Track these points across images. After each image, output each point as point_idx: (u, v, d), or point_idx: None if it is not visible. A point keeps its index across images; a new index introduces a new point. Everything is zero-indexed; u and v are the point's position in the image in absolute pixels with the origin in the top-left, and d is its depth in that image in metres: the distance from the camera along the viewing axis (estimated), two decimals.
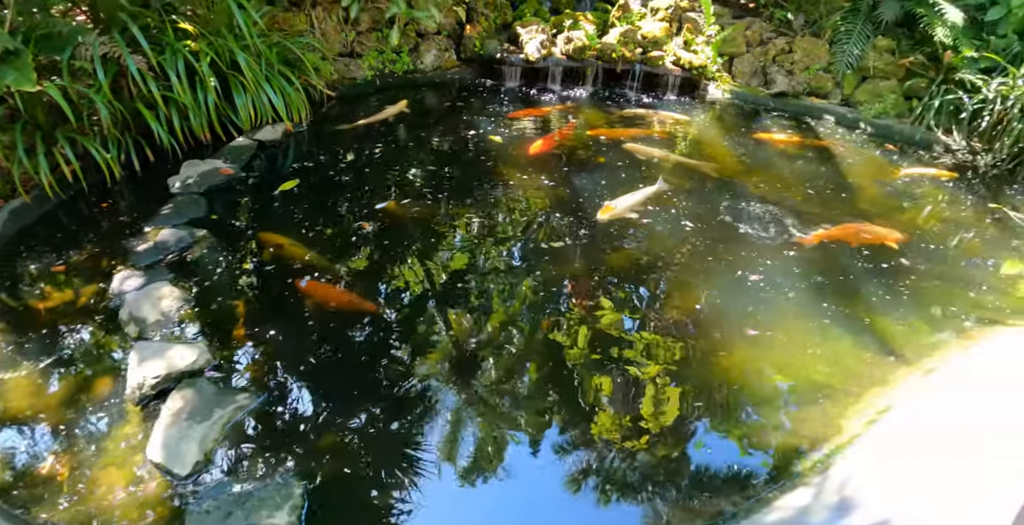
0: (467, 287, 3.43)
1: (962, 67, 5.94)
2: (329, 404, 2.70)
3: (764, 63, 6.49)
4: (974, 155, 5.81)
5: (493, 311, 3.25)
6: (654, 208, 4.18)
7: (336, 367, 2.88)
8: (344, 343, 3.00)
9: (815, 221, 4.16)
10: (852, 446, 2.43)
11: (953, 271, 3.79)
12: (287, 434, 2.52)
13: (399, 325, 3.14)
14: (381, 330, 3.10)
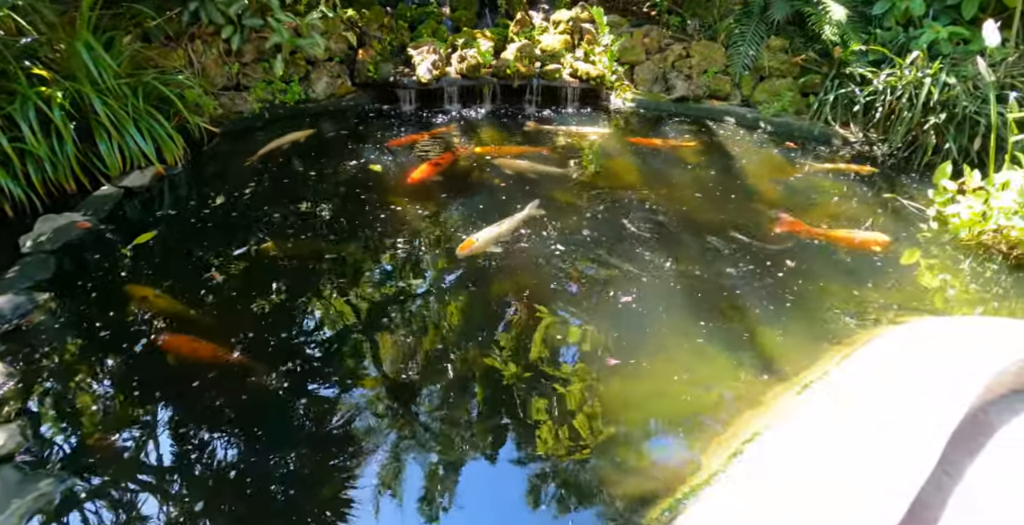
0: (323, 336, 3.18)
1: (852, 61, 5.97)
2: (173, 482, 2.41)
3: (664, 69, 6.44)
4: (871, 146, 5.82)
5: (345, 363, 3.01)
6: (526, 232, 3.93)
7: (190, 432, 2.59)
8: (203, 405, 2.71)
9: (703, 229, 4.03)
10: (709, 487, 2.24)
11: (842, 269, 3.69)
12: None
13: (269, 376, 2.86)
14: (248, 384, 2.81)
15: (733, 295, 3.40)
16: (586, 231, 3.97)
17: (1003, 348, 2.64)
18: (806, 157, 5.52)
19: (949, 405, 2.23)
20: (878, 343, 2.73)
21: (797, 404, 2.48)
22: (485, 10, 7.76)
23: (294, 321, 3.26)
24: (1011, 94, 4.19)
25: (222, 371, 2.86)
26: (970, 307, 3.55)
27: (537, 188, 4.47)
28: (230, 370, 2.87)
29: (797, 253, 3.80)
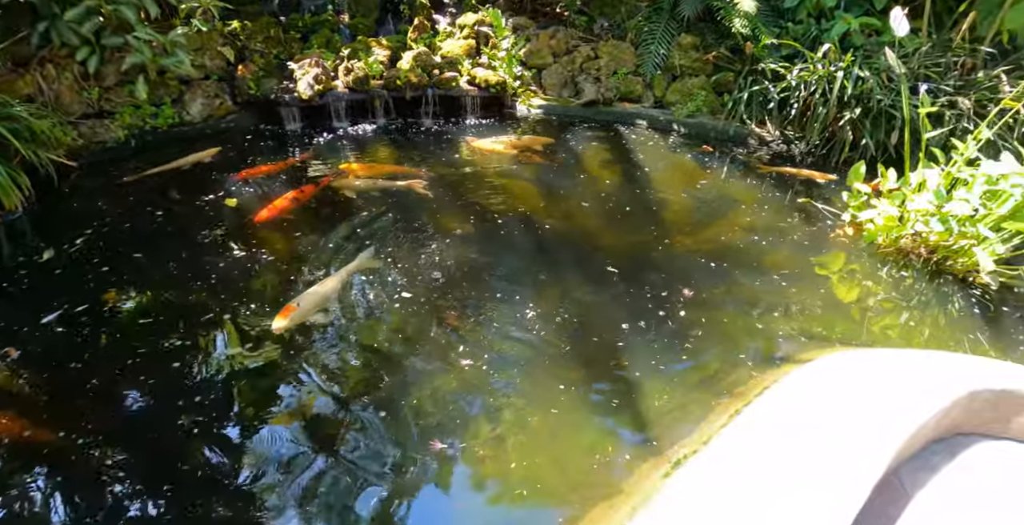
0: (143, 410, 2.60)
1: (764, 56, 5.61)
2: None
3: (572, 72, 5.99)
4: (788, 144, 5.47)
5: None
6: (366, 280, 3.33)
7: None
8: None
9: (590, 258, 3.55)
10: None
11: (746, 295, 3.26)
12: None
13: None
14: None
15: (613, 342, 2.85)
16: (437, 273, 3.31)
17: (918, 391, 2.22)
18: (721, 161, 5.12)
19: (855, 477, 1.79)
20: (773, 394, 2.29)
21: (666, 489, 2.01)
22: (387, 16, 7.22)
23: (90, 402, 2.66)
24: (922, 86, 3.83)
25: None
26: (887, 328, 3.16)
27: (405, 215, 3.92)
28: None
29: (697, 279, 3.35)
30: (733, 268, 3.48)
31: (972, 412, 2.32)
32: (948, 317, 3.40)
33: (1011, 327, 3.40)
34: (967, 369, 2.43)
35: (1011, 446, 2.44)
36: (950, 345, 3.14)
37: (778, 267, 3.55)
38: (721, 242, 3.76)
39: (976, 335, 3.25)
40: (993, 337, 3.27)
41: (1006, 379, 2.40)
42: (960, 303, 3.54)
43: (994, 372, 2.46)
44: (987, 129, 3.80)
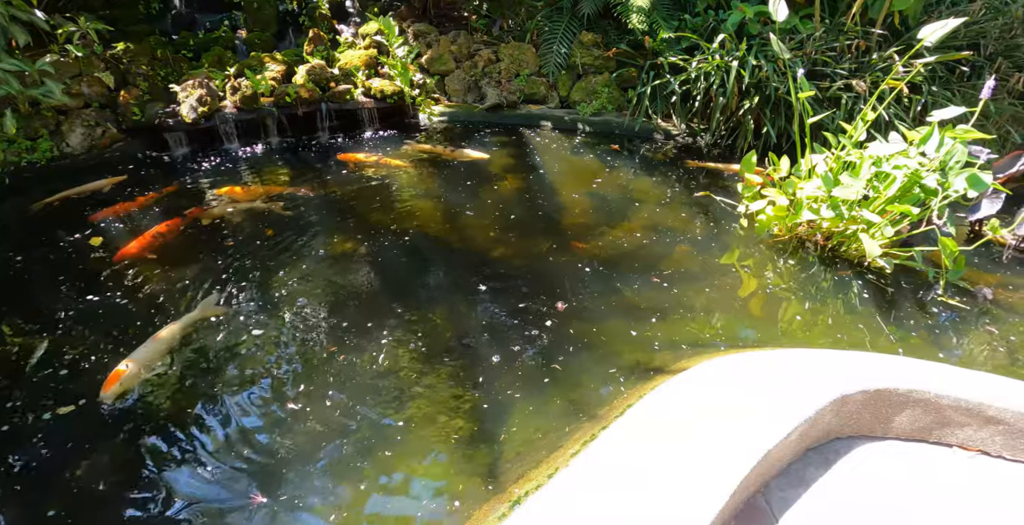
0: None
1: (664, 50, 5.47)
2: None
3: (475, 77, 5.76)
4: (694, 137, 5.33)
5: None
6: (214, 325, 2.93)
7: None
8: None
9: (467, 271, 3.32)
10: None
11: (625, 302, 3.07)
12: None
13: None
14: None
15: (474, 368, 2.58)
16: (300, 303, 2.97)
17: (786, 400, 2.04)
18: (626, 159, 4.95)
19: (703, 507, 1.58)
20: (634, 413, 2.08)
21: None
22: (288, 30, 6.90)
23: None
24: (800, 71, 3.70)
25: None
26: (780, 322, 3.00)
27: (280, 241, 3.62)
28: None
29: (585, 288, 3.15)
30: (626, 273, 3.29)
31: (847, 415, 2.16)
32: (845, 305, 3.27)
33: (906, 310, 3.29)
34: (843, 368, 2.27)
35: (892, 446, 2.29)
36: (847, 334, 3.00)
37: (674, 267, 3.38)
38: (619, 246, 3.57)
39: (873, 321, 3.13)
40: (889, 321, 3.15)
41: (883, 377, 2.24)
42: (857, 289, 3.42)
43: (872, 370, 2.30)
44: (872, 111, 3.68)
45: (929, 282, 3.54)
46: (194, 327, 2.78)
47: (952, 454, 2.39)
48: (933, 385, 2.24)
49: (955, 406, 2.27)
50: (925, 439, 2.35)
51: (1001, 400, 2.27)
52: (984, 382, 2.43)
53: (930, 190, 3.36)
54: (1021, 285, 3.88)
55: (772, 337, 2.89)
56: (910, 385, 2.21)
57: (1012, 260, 4.22)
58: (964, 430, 2.34)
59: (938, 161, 3.37)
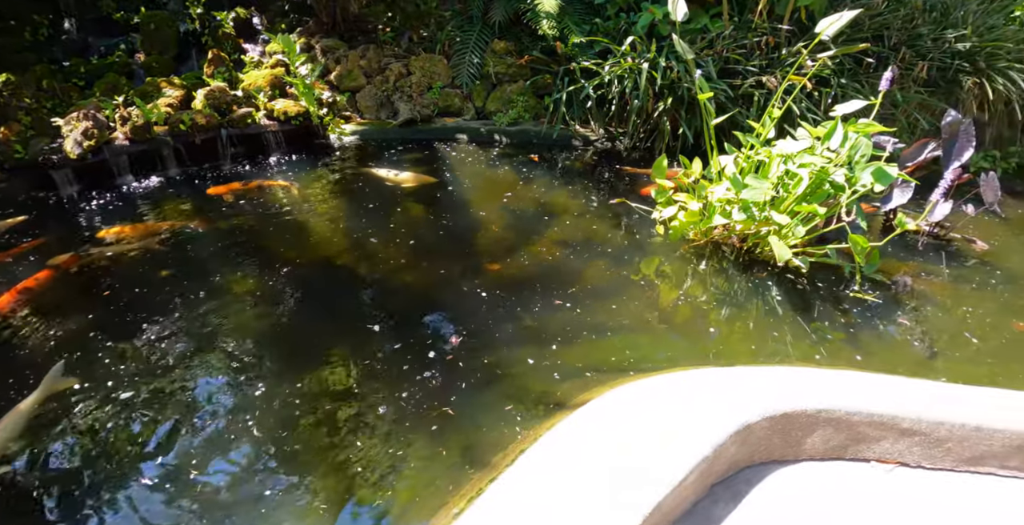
0: None
1: (577, 55, 5.30)
2: None
3: (387, 92, 5.49)
4: (612, 141, 5.18)
5: None
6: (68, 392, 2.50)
7: None
8: None
9: (355, 312, 3.04)
10: None
11: (527, 325, 2.85)
12: None
13: None
14: None
15: (351, 423, 2.26)
16: (167, 359, 2.61)
17: (685, 434, 1.84)
18: (544, 169, 4.76)
19: None
20: (527, 458, 1.86)
21: None
22: (191, 51, 6.50)
23: None
24: (697, 72, 3.57)
25: None
26: (694, 335, 2.83)
27: (164, 284, 3.28)
28: None
29: (487, 317, 2.91)
30: (535, 295, 3.07)
31: (753, 444, 1.98)
32: (764, 309, 3.12)
33: (824, 308, 3.17)
34: (749, 391, 2.10)
35: (807, 468, 2.12)
36: (766, 341, 2.86)
37: (587, 284, 3.18)
38: (534, 264, 3.36)
39: (793, 323, 3.01)
40: (808, 322, 3.03)
41: (791, 398, 2.07)
42: (775, 291, 3.28)
43: (780, 388, 2.14)
44: (777, 108, 3.57)
45: (846, 277, 3.44)
46: (41, 406, 2.42)
47: (871, 469, 2.24)
48: (844, 402, 2.08)
49: (868, 422, 2.12)
50: (841, 457, 2.20)
51: (915, 412, 2.13)
52: (899, 389, 2.30)
53: (838, 186, 3.25)
54: (934, 271, 3.83)
55: (686, 353, 2.72)
56: (819, 404, 2.05)
57: (927, 246, 4.19)
58: (880, 444, 2.19)
59: (844, 156, 3.26)
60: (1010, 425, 2.23)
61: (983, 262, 4.05)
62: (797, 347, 2.87)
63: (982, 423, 2.20)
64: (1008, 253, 4.27)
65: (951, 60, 5.54)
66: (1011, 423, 2.23)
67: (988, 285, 3.76)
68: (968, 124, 3.98)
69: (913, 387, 2.32)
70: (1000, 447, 2.25)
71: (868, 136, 3.31)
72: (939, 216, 4.00)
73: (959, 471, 2.30)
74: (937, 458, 2.26)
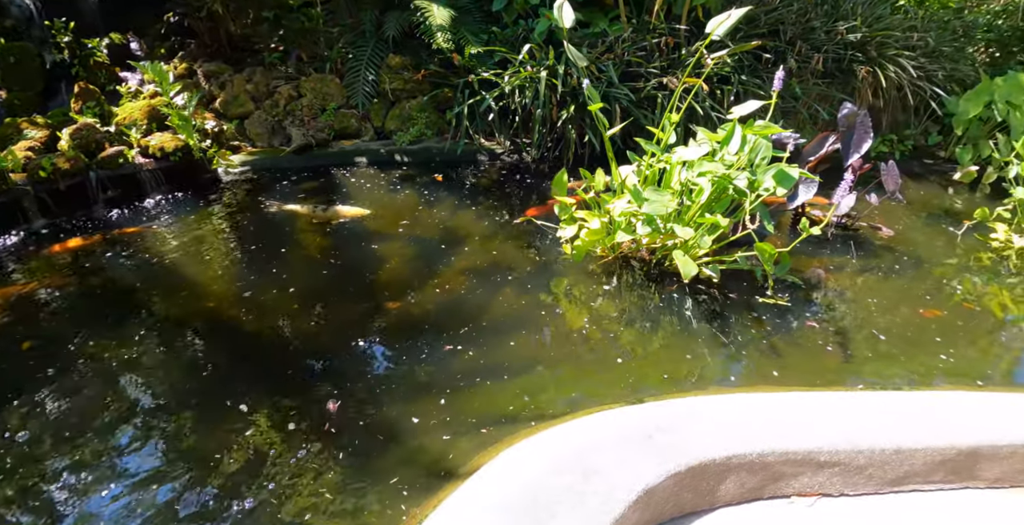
0: None
1: (476, 66, 5.02)
2: None
3: (278, 117, 5.06)
4: (519, 153, 4.93)
5: None
6: None
7: None
8: None
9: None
10: None
11: (428, 379, 2.54)
12: None
13: None
14: None
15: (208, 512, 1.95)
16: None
17: (585, 512, 1.57)
18: (448, 189, 4.45)
19: None
20: None
21: None
22: (60, 84, 5.86)
23: None
24: (585, 81, 3.35)
25: None
26: (603, 367, 2.59)
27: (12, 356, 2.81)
28: None
29: (356, 371, 2.58)
30: (430, 338, 2.77)
31: (659, 504, 1.73)
32: (677, 326, 2.92)
33: (738, 319, 3.01)
34: (653, 441, 1.85)
35: (723, 514, 1.89)
36: (681, 362, 2.65)
37: (488, 318, 2.90)
38: (434, 300, 3.06)
39: (708, 337, 2.83)
40: (723, 335, 2.85)
41: (700, 446, 1.84)
42: (688, 305, 3.09)
43: (690, 427, 1.90)
44: (675, 112, 3.38)
45: (759, 282, 3.28)
46: None
47: (791, 505, 2.04)
48: (755, 444, 1.87)
49: (783, 460, 1.91)
50: (759, 497, 1.98)
51: (831, 443, 1.94)
52: (814, 415, 2.11)
53: (741, 191, 3.08)
54: (844, 264, 3.75)
55: (593, 388, 2.47)
56: (728, 451, 1.82)
57: (836, 238, 4.12)
58: (799, 479, 1.99)
59: (745, 159, 3.10)
60: (930, 442, 2.07)
61: (889, 249, 4.00)
62: (711, 367, 2.67)
63: (901, 445, 2.03)
64: (911, 237, 4.26)
65: (844, 51, 5.56)
66: (931, 440, 2.07)
67: (895, 273, 3.70)
68: (864, 115, 3.91)
69: (828, 408, 2.14)
70: (922, 465, 2.09)
71: (767, 137, 3.16)
72: (844, 209, 3.92)
73: (883, 494, 2.13)
74: (859, 485, 2.08)
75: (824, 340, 2.92)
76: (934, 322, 3.16)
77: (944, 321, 3.17)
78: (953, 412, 2.23)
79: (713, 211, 3.10)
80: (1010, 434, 2.19)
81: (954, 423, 2.16)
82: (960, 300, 3.44)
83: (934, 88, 5.62)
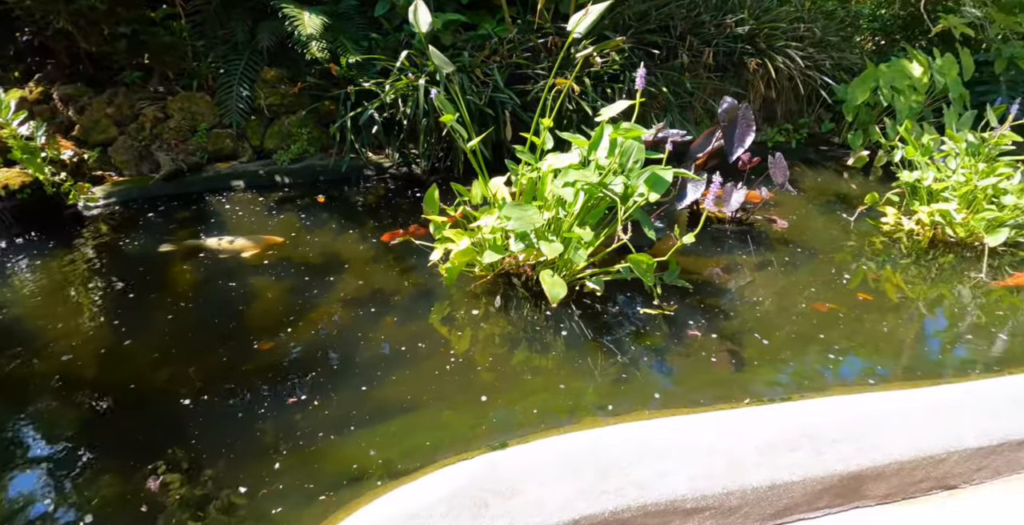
0: None
1: (356, 75, 4.62)
2: None
3: (145, 141, 4.54)
4: (409, 165, 4.57)
5: None
6: None
7: None
8: None
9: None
10: None
11: (283, 432, 2.18)
12: None
13: None
14: None
15: None
16: None
17: None
18: (333, 211, 4.05)
19: None
20: None
21: None
22: None
23: None
24: (434, 91, 3.02)
25: None
26: (479, 401, 2.27)
27: None
28: None
29: (201, 434, 2.19)
30: (290, 386, 2.40)
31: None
32: (555, 350, 2.65)
33: (622, 337, 2.76)
34: (496, 509, 1.53)
35: None
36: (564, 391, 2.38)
37: (370, 353, 2.55)
38: (310, 337, 2.68)
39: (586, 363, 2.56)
40: (605, 357, 2.60)
41: (549, 508, 1.53)
42: (570, 323, 2.81)
43: (541, 488, 1.59)
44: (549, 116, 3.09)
45: (649, 291, 3.03)
46: None
47: None
48: (609, 500, 1.57)
49: (642, 514, 1.62)
50: None
51: (695, 489, 1.66)
52: (682, 440, 1.84)
53: (618, 197, 2.81)
54: (740, 263, 3.56)
55: (454, 433, 2.15)
56: (578, 512, 1.52)
57: (733, 234, 3.95)
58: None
59: (616, 164, 2.83)
60: (808, 473, 1.83)
61: (784, 241, 3.85)
62: (587, 395, 2.39)
63: (776, 480, 1.78)
64: (807, 226, 4.13)
65: (735, 44, 5.44)
66: (809, 469, 1.84)
67: (790, 266, 3.54)
68: (745, 108, 3.73)
69: (699, 436, 1.88)
70: (802, 496, 1.85)
71: (639, 138, 2.90)
72: (735, 205, 3.74)
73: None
74: (737, 524, 1.82)
75: (710, 350, 2.69)
76: (828, 316, 2.99)
77: (837, 315, 3.01)
78: (835, 430, 2.02)
79: (586, 222, 2.82)
80: (894, 450, 1.98)
81: (836, 445, 1.94)
82: (854, 288, 3.31)
83: (823, 77, 5.56)
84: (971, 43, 6.15)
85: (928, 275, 3.59)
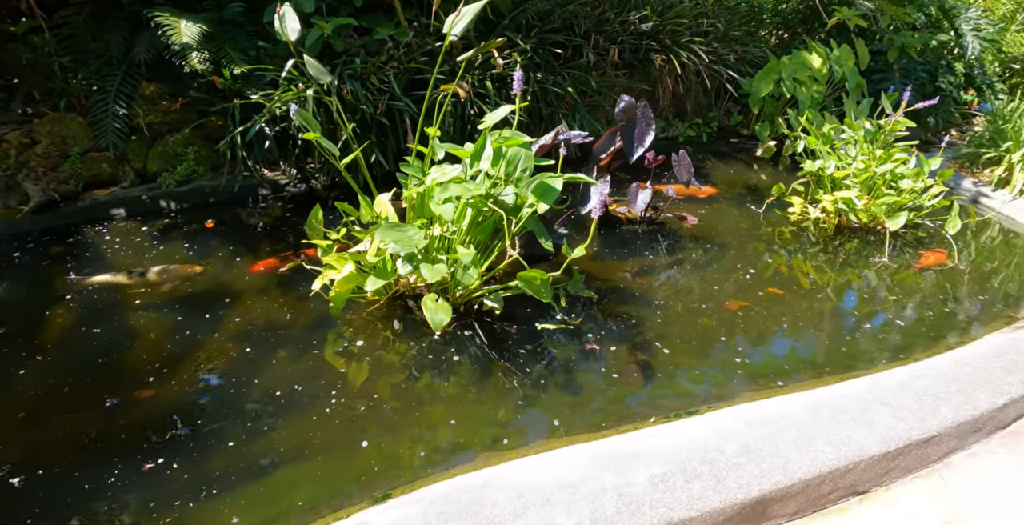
0: None
1: (243, 88, 4.21)
2: None
3: (10, 170, 4.01)
4: (307, 181, 4.21)
5: None
6: None
7: None
8: None
9: None
10: None
11: (172, 489, 1.84)
12: None
13: None
14: None
15: None
16: None
17: None
18: (224, 237, 3.65)
19: None
20: None
21: None
22: None
23: None
24: (293, 106, 2.72)
25: None
26: (345, 447, 1.99)
27: None
28: None
29: (60, 503, 1.84)
30: (151, 447, 2.05)
31: None
32: (446, 380, 2.40)
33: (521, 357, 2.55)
34: None
35: None
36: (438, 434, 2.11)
37: (268, 392, 2.22)
38: (197, 380, 2.33)
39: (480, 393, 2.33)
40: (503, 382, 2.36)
41: None
42: (465, 347, 2.57)
43: None
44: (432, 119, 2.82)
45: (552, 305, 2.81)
46: None
47: None
48: None
49: None
50: None
51: None
52: (571, 478, 1.61)
53: (508, 209, 2.57)
54: (649, 265, 3.39)
55: (331, 488, 1.88)
56: None
57: (644, 234, 3.80)
58: None
59: (503, 173, 2.59)
60: (707, 505, 1.64)
61: (695, 238, 3.72)
62: (486, 426, 2.15)
63: (672, 517, 1.57)
64: (717, 221, 4.03)
65: (640, 41, 5.31)
66: (709, 501, 1.64)
67: (700, 264, 3.41)
68: (644, 107, 3.56)
69: (593, 469, 1.67)
70: None
71: (527, 146, 2.67)
72: (642, 205, 3.57)
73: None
74: None
75: (614, 364, 2.49)
76: (738, 316, 2.85)
77: (749, 312, 2.87)
78: (737, 452, 1.84)
79: (476, 238, 2.58)
80: (798, 469, 1.82)
81: (738, 469, 1.76)
82: (765, 281, 3.19)
83: (728, 71, 5.50)
84: (865, 34, 6.24)
85: (835, 263, 3.53)
